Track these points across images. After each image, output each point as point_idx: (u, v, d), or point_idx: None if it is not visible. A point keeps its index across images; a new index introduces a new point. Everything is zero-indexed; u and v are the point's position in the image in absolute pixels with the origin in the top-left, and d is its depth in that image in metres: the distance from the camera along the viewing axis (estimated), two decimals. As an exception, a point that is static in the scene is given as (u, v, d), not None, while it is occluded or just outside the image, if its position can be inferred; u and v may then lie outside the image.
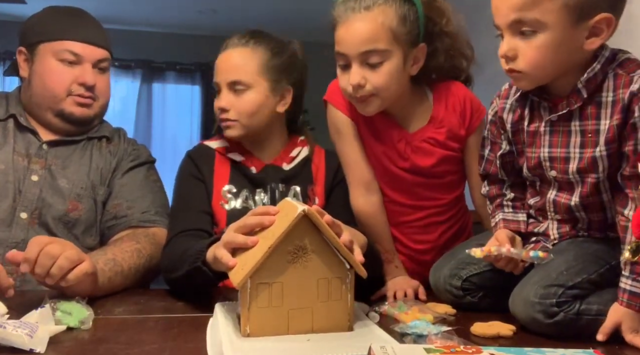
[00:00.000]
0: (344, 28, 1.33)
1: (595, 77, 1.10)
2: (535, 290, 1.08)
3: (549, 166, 1.19)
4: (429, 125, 1.45)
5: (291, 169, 1.49)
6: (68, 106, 1.49)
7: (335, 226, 1.00)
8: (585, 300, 1.09)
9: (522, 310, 1.10)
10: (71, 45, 1.48)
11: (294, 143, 1.54)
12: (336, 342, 0.94)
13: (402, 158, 1.44)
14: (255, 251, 0.97)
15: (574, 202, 1.18)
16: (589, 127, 1.13)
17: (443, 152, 1.44)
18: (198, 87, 5.90)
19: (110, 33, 1.57)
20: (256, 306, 0.95)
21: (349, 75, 1.33)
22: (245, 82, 1.41)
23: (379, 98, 1.35)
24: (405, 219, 1.48)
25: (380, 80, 1.32)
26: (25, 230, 1.41)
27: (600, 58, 1.11)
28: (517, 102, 1.23)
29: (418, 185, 1.46)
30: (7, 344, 0.88)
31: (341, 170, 1.51)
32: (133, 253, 1.35)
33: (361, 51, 1.31)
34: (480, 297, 1.29)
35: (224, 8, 5.06)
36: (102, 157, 1.54)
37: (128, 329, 1.06)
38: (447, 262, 1.33)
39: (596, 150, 1.12)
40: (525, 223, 1.28)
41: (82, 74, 1.49)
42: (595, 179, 1.14)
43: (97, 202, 1.50)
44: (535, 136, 1.20)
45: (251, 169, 1.47)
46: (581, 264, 1.12)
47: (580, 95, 1.12)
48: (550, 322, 1.07)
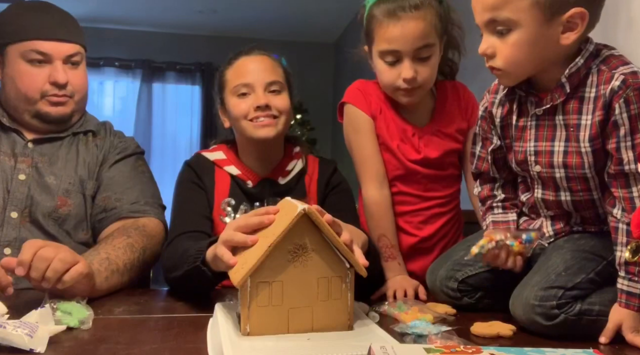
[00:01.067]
0: (398, 27, 1.40)
1: (579, 72, 1.11)
2: (535, 293, 1.08)
3: (533, 161, 1.19)
4: (436, 119, 1.55)
5: (286, 183, 1.51)
6: (43, 107, 1.48)
7: (335, 225, 1.00)
8: (585, 301, 1.09)
9: (522, 313, 1.10)
10: (37, 45, 1.45)
11: (290, 155, 1.55)
12: (336, 342, 0.94)
13: (416, 151, 1.52)
14: (255, 250, 0.97)
15: (564, 199, 1.18)
16: (570, 121, 1.13)
17: (450, 144, 1.54)
18: (198, 87, 5.90)
19: (110, 33, 1.57)
20: (256, 305, 0.95)
21: (400, 70, 1.43)
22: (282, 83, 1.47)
23: (423, 89, 1.48)
24: (412, 208, 1.55)
25: (428, 73, 1.45)
26: (17, 229, 1.41)
27: (584, 52, 1.11)
28: (506, 96, 1.24)
29: (427, 177, 1.54)
30: (7, 344, 0.88)
31: (335, 176, 1.55)
32: (126, 248, 1.34)
33: (416, 47, 1.41)
34: (477, 298, 1.29)
35: (224, 8, 5.06)
36: (88, 151, 1.53)
37: (128, 329, 1.06)
38: (443, 263, 1.33)
39: (580, 145, 1.12)
40: (515, 222, 1.28)
41: (53, 73, 1.46)
42: (582, 175, 1.14)
43: (86, 196, 1.49)
44: (523, 131, 1.21)
45: (247, 182, 1.48)
46: (579, 263, 1.12)
47: (563, 89, 1.12)
48: (551, 324, 1.07)
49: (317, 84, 5.57)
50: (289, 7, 4.92)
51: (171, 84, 5.87)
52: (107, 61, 5.59)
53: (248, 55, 1.47)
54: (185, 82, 5.90)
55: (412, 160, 1.52)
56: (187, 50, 5.71)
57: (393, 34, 1.40)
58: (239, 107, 1.43)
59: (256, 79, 1.43)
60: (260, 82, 1.43)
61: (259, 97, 1.42)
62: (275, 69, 1.47)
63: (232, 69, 1.47)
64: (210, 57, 5.64)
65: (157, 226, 1.48)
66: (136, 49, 5.63)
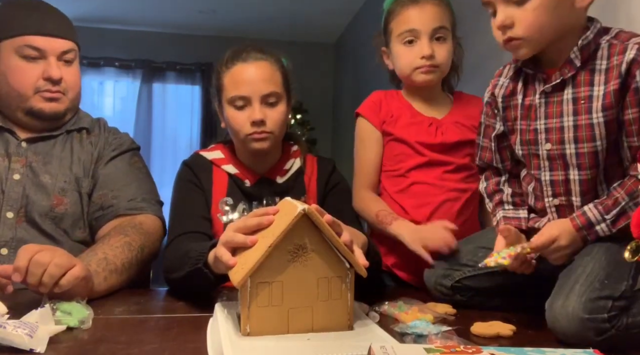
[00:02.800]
0: (417, 9, 1.56)
1: (589, 46, 1.14)
2: (583, 304, 1.00)
3: (544, 138, 1.19)
4: (453, 111, 1.64)
5: (284, 182, 1.51)
6: (36, 103, 1.47)
7: (335, 225, 1.00)
8: (630, 313, 1.03)
9: (567, 326, 1.01)
10: (32, 40, 1.44)
11: (287, 154, 1.55)
12: (336, 342, 0.94)
13: (434, 138, 1.59)
14: (255, 250, 0.97)
15: (572, 178, 1.18)
16: (581, 93, 1.15)
17: (468, 134, 1.59)
18: (198, 87, 5.90)
19: (110, 33, 1.57)
20: (256, 305, 0.95)
21: (419, 48, 1.55)
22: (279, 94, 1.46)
23: (440, 71, 1.59)
24: (430, 199, 1.57)
25: (444, 54, 1.57)
26: (13, 229, 1.40)
27: (592, 28, 1.16)
28: (510, 79, 1.27)
29: (443, 163, 1.59)
30: (7, 344, 0.88)
31: (334, 176, 1.56)
32: (123, 247, 1.34)
33: (433, 27, 1.55)
34: (470, 296, 1.30)
35: (224, 8, 5.06)
36: (83, 149, 1.53)
37: (128, 329, 1.06)
38: (444, 261, 1.34)
39: (592, 117, 1.13)
40: (526, 219, 1.27)
41: (47, 69, 1.45)
42: (593, 149, 1.14)
43: (82, 194, 1.48)
44: (530, 110, 1.22)
45: (245, 182, 1.48)
46: (617, 268, 1.06)
47: (573, 64, 1.15)
48: (601, 339, 0.99)
49: (317, 84, 5.57)
50: (289, 7, 4.91)
51: (171, 84, 5.87)
52: (107, 61, 5.59)
53: (245, 61, 1.44)
54: (185, 82, 5.89)
55: (429, 144, 1.58)
56: (187, 50, 5.71)
57: (412, 14, 1.55)
58: (236, 120, 1.44)
59: (252, 91, 1.42)
60: (256, 95, 1.42)
61: (255, 112, 1.41)
62: (272, 77, 1.45)
63: (229, 75, 1.45)
64: (210, 57, 5.63)
65: (155, 223, 1.47)
66: (136, 49, 5.62)
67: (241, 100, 1.43)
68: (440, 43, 1.56)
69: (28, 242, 1.33)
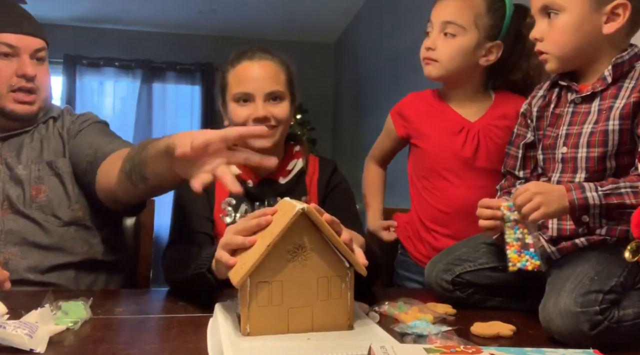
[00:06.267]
0: (438, 2, 1.58)
1: (622, 65, 1.20)
2: (574, 299, 1.02)
3: (562, 143, 1.23)
4: (488, 114, 1.61)
5: (286, 183, 1.51)
6: (9, 104, 1.48)
7: (335, 224, 1.00)
8: (620, 306, 1.05)
9: (562, 323, 1.03)
10: (5, 37, 1.46)
11: (290, 154, 1.55)
12: (336, 341, 0.94)
13: (465, 141, 1.59)
14: (254, 250, 0.97)
15: (578, 181, 1.19)
16: (605, 105, 1.19)
17: (499, 139, 1.56)
18: (198, 87, 5.89)
19: (110, 33, 1.57)
20: (256, 305, 0.95)
21: (429, 39, 1.58)
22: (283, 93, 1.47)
23: (441, 65, 1.56)
24: (456, 201, 1.59)
25: (448, 50, 1.55)
26: (1, 222, 1.43)
27: (629, 51, 1.22)
28: (546, 91, 1.33)
29: (476, 169, 1.58)
30: (7, 344, 0.88)
31: (335, 176, 1.56)
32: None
33: (442, 20, 1.55)
34: (469, 293, 1.30)
35: (224, 8, 5.06)
36: (52, 135, 1.54)
37: (128, 329, 1.06)
38: (445, 256, 1.35)
39: (609, 123, 1.17)
40: None
41: (21, 66, 1.47)
42: (603, 154, 1.17)
43: (61, 174, 1.49)
44: (559, 118, 1.27)
45: (248, 182, 1.48)
46: (607, 268, 1.09)
47: (605, 80, 1.21)
48: (594, 332, 1.01)
49: (317, 84, 5.57)
50: (289, 7, 4.91)
51: (171, 84, 5.86)
52: (107, 61, 5.59)
53: (251, 60, 1.46)
54: (185, 82, 5.89)
55: (463, 149, 1.58)
56: (187, 50, 5.70)
57: (434, 8, 1.58)
58: (239, 116, 1.45)
59: (256, 88, 1.43)
60: (260, 92, 1.43)
61: (258, 108, 1.43)
62: (277, 76, 1.46)
63: (234, 73, 1.47)
64: (210, 57, 5.63)
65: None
66: (136, 49, 5.62)
67: (245, 97, 1.44)
68: (447, 38, 1.55)
69: (18, 233, 1.40)
